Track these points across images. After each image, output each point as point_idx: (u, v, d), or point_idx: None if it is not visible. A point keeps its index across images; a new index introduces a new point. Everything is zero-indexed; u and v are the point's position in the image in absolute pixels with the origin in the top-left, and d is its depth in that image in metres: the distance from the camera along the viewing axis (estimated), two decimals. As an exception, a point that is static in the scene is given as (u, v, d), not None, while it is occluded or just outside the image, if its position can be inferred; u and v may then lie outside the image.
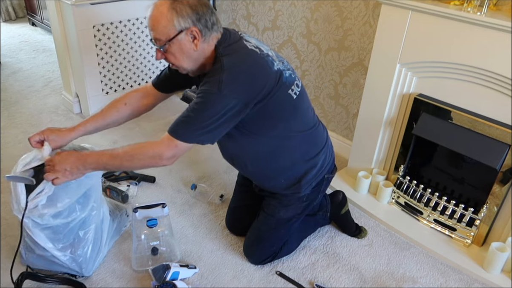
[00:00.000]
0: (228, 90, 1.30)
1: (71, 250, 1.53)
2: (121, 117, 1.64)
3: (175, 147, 1.34)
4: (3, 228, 1.84)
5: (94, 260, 1.63)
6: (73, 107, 2.82)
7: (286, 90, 1.43)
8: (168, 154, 1.35)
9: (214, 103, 1.31)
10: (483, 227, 1.80)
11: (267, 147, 1.53)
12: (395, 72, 1.86)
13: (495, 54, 1.55)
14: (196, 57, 1.39)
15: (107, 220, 1.69)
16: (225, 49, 1.37)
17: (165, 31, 1.32)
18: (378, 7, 2.04)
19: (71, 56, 2.63)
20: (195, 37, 1.34)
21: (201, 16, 1.32)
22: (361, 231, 1.89)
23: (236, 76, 1.32)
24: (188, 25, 1.31)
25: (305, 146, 1.57)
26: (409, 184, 2.00)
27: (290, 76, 1.46)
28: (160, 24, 1.31)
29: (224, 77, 1.30)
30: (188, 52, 1.36)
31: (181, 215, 1.98)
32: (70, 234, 1.53)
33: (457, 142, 1.75)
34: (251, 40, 1.45)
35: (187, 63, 1.40)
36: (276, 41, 2.64)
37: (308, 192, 1.64)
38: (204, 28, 1.33)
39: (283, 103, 1.43)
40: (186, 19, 1.30)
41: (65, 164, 1.37)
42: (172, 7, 1.29)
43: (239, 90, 1.32)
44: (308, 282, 1.66)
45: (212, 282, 1.64)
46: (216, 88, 1.30)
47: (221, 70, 1.32)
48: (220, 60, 1.35)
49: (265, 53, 1.42)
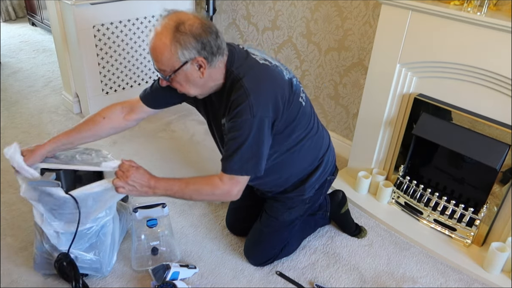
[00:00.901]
0: (260, 111, 1.29)
1: (95, 252, 1.54)
2: (99, 131, 1.55)
3: (239, 183, 1.36)
4: (3, 228, 1.84)
5: (111, 259, 1.64)
6: (73, 107, 2.82)
7: (298, 98, 1.43)
8: (235, 191, 1.37)
9: (252, 128, 1.29)
10: (483, 227, 1.80)
11: (279, 159, 1.52)
12: (395, 72, 1.86)
13: (495, 54, 1.55)
14: (203, 83, 1.35)
15: (117, 219, 1.70)
16: (239, 70, 1.34)
17: (169, 63, 1.27)
18: (378, 7, 2.04)
19: (71, 56, 2.63)
20: (201, 66, 1.29)
21: (206, 44, 1.26)
22: (361, 231, 1.89)
23: (261, 95, 1.31)
24: (193, 56, 1.26)
25: (312, 152, 1.58)
26: (409, 184, 2.00)
27: (297, 83, 1.46)
28: (163, 56, 1.26)
29: (252, 100, 1.28)
30: (195, 80, 1.33)
31: (181, 215, 1.98)
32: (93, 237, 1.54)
33: (457, 142, 1.75)
34: (256, 53, 1.43)
35: (193, 90, 1.37)
36: (276, 41, 2.64)
37: (311, 195, 1.65)
38: (210, 55, 1.28)
39: (296, 112, 1.43)
40: (191, 50, 1.25)
41: (138, 181, 1.35)
42: (175, 39, 1.23)
43: (268, 108, 1.32)
44: (308, 282, 1.66)
45: (212, 282, 1.64)
46: (250, 114, 1.28)
47: (246, 94, 1.29)
48: (240, 83, 1.31)
49: (274, 64, 1.41)
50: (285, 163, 1.54)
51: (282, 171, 1.56)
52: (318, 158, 1.60)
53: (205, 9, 2.93)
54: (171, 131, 2.67)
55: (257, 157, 1.33)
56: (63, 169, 1.38)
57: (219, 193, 1.37)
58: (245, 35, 2.84)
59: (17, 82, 3.29)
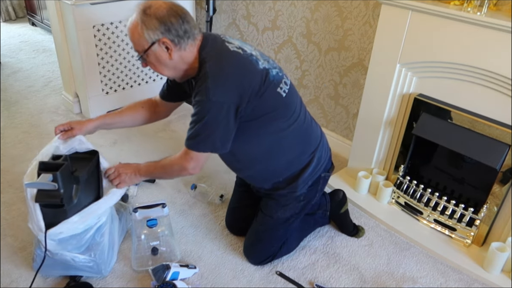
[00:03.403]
0: (217, 95, 1.34)
1: (90, 254, 1.54)
2: (137, 118, 1.75)
3: (191, 159, 1.45)
4: (3, 228, 1.84)
5: (110, 260, 1.63)
6: (73, 107, 2.82)
7: (275, 88, 1.45)
8: (189, 165, 1.46)
9: (208, 110, 1.36)
10: (483, 227, 1.80)
11: (260, 147, 1.53)
12: (395, 72, 1.86)
13: (495, 54, 1.55)
14: (174, 65, 1.43)
15: (116, 220, 1.70)
16: (207, 55, 1.41)
17: (139, 43, 1.39)
18: (378, 7, 2.04)
19: (71, 56, 2.63)
20: (168, 48, 1.38)
21: (170, 27, 1.35)
22: (359, 231, 1.89)
23: (221, 80, 1.36)
24: (158, 37, 1.36)
25: (300, 145, 1.58)
26: (409, 184, 2.00)
27: (278, 74, 1.48)
28: (134, 37, 1.39)
29: (210, 84, 1.34)
30: (165, 61, 1.41)
31: (181, 215, 1.98)
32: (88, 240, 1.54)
33: (457, 142, 1.75)
34: (234, 42, 1.47)
35: (166, 71, 1.46)
36: (276, 41, 2.64)
37: (305, 191, 1.64)
38: (176, 38, 1.37)
39: (273, 102, 1.45)
40: (155, 31, 1.35)
41: (126, 172, 1.58)
42: (141, 21, 1.35)
43: (227, 93, 1.36)
44: (308, 282, 1.66)
45: (212, 282, 1.64)
46: (205, 96, 1.34)
47: (206, 77, 1.36)
48: (204, 66, 1.38)
49: (248, 52, 1.44)
50: (269, 153, 1.55)
51: (267, 161, 1.57)
52: (309, 153, 1.60)
53: (205, 9, 2.93)
54: (171, 131, 2.67)
55: (213, 136, 1.40)
56: (61, 170, 1.38)
57: (176, 168, 1.50)
58: (245, 35, 2.84)
59: (17, 82, 3.29)
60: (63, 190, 1.40)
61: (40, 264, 1.49)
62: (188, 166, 1.46)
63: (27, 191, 1.44)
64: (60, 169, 1.38)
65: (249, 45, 1.51)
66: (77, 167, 1.49)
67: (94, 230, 1.53)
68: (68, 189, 1.43)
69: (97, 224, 1.54)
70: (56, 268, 1.56)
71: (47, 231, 1.42)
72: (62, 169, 1.38)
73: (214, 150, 1.45)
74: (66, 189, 1.41)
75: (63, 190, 1.40)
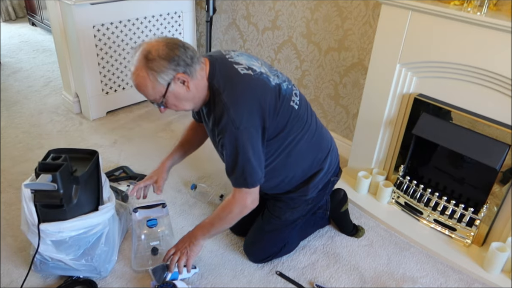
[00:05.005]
0: (243, 123, 1.33)
1: (86, 259, 1.54)
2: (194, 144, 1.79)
3: (248, 194, 1.44)
4: (3, 228, 1.84)
5: (109, 260, 1.63)
6: (73, 107, 2.82)
7: (288, 102, 1.45)
8: (248, 202, 1.45)
9: (240, 141, 1.34)
10: (483, 227, 1.80)
11: (278, 163, 1.53)
12: (395, 72, 1.86)
13: (495, 54, 1.55)
14: (193, 96, 1.39)
15: (116, 220, 1.69)
16: (219, 84, 1.38)
17: (155, 91, 1.34)
18: (378, 7, 2.04)
19: (71, 56, 2.63)
20: (184, 80, 1.34)
21: (178, 60, 1.31)
22: (358, 231, 1.90)
23: (241, 107, 1.34)
24: (172, 75, 1.31)
25: (313, 152, 1.58)
26: (409, 184, 2.00)
27: (288, 87, 1.48)
28: (148, 89, 1.33)
29: (233, 114, 1.32)
30: (184, 96, 1.38)
31: (181, 215, 1.98)
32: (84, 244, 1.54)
33: (457, 142, 1.75)
34: (241, 61, 1.44)
35: (187, 105, 1.43)
36: (276, 41, 2.64)
37: (314, 195, 1.65)
38: (187, 68, 1.33)
39: (288, 116, 1.45)
40: (167, 71, 1.30)
41: (185, 246, 1.54)
42: (149, 68, 1.29)
43: (251, 118, 1.35)
44: (308, 282, 1.66)
45: (212, 282, 1.64)
46: (233, 128, 1.32)
47: (225, 108, 1.33)
48: (220, 98, 1.35)
49: (258, 72, 1.42)
50: (285, 166, 1.55)
51: (283, 174, 1.58)
52: (321, 160, 1.61)
53: (205, 9, 2.93)
54: (171, 131, 2.67)
55: (255, 166, 1.39)
56: (60, 170, 1.38)
57: (237, 211, 1.47)
58: (245, 35, 2.84)
59: (17, 82, 3.29)
60: (62, 191, 1.40)
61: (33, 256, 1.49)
62: (247, 203, 1.45)
63: (23, 192, 1.44)
64: (60, 169, 1.38)
65: (255, 60, 1.49)
66: (77, 167, 1.49)
67: (91, 233, 1.53)
68: (67, 190, 1.43)
69: (93, 230, 1.53)
70: (56, 269, 1.55)
71: (40, 225, 1.42)
72: (62, 169, 1.39)
73: (260, 179, 1.43)
74: (65, 190, 1.41)
75: (62, 191, 1.40)
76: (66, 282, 1.56)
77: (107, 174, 2.15)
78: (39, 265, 1.54)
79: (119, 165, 2.29)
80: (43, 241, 1.45)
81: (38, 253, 1.48)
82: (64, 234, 1.46)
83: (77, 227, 1.48)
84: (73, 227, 1.47)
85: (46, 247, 1.47)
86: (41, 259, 1.52)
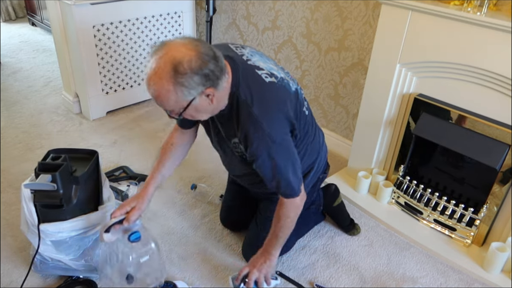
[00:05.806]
0: (278, 134, 1.32)
1: (86, 259, 1.54)
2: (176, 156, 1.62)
3: (299, 198, 1.44)
4: (3, 228, 1.84)
5: None
6: (73, 107, 2.82)
7: (302, 108, 1.46)
8: (299, 202, 1.46)
9: (279, 153, 1.34)
10: (483, 227, 1.80)
11: None
12: (395, 72, 1.86)
13: (495, 54, 1.55)
14: (213, 108, 1.31)
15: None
16: (246, 95, 1.30)
17: (177, 105, 1.21)
18: (378, 7, 2.04)
19: (71, 56, 2.63)
20: (209, 94, 1.22)
21: (209, 74, 1.17)
22: (355, 227, 1.90)
23: (272, 119, 1.32)
24: (200, 90, 1.19)
25: (310, 156, 1.59)
26: (409, 184, 2.00)
27: (301, 91, 1.48)
28: (170, 101, 1.19)
29: (267, 129, 1.29)
30: (205, 108, 1.27)
31: (181, 215, 1.98)
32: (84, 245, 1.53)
33: (457, 142, 1.75)
34: (260, 63, 1.38)
35: (206, 116, 1.34)
36: (276, 41, 2.64)
37: None
38: (216, 80, 1.20)
39: (303, 121, 1.46)
40: (197, 86, 1.17)
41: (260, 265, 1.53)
42: (178, 83, 1.14)
43: (283, 126, 1.35)
44: (308, 282, 1.66)
45: (212, 282, 1.64)
46: (270, 141, 1.31)
47: (258, 123, 1.29)
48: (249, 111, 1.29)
49: (279, 77, 1.39)
50: None
51: None
52: (313, 159, 1.61)
53: (205, 9, 2.93)
54: (171, 131, 2.66)
55: (297, 173, 1.40)
56: (60, 170, 1.38)
57: (294, 215, 1.48)
58: (245, 35, 2.84)
59: (17, 82, 3.29)
60: (62, 191, 1.40)
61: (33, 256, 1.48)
62: (299, 204, 1.46)
63: (22, 192, 1.44)
64: (59, 169, 1.38)
65: (267, 60, 1.44)
66: (76, 167, 1.49)
67: (91, 234, 1.53)
68: (67, 190, 1.43)
69: (93, 230, 1.53)
70: (56, 269, 1.56)
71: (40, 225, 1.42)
72: (62, 169, 1.39)
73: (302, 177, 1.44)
74: (65, 190, 1.41)
75: (62, 191, 1.40)
76: (66, 282, 1.56)
77: (107, 174, 2.15)
78: (39, 265, 1.54)
79: (119, 165, 2.29)
80: (43, 241, 1.45)
81: (38, 253, 1.48)
82: (64, 234, 1.46)
83: (77, 227, 1.48)
84: (73, 227, 1.47)
85: (46, 247, 1.47)
86: (41, 259, 1.52)
